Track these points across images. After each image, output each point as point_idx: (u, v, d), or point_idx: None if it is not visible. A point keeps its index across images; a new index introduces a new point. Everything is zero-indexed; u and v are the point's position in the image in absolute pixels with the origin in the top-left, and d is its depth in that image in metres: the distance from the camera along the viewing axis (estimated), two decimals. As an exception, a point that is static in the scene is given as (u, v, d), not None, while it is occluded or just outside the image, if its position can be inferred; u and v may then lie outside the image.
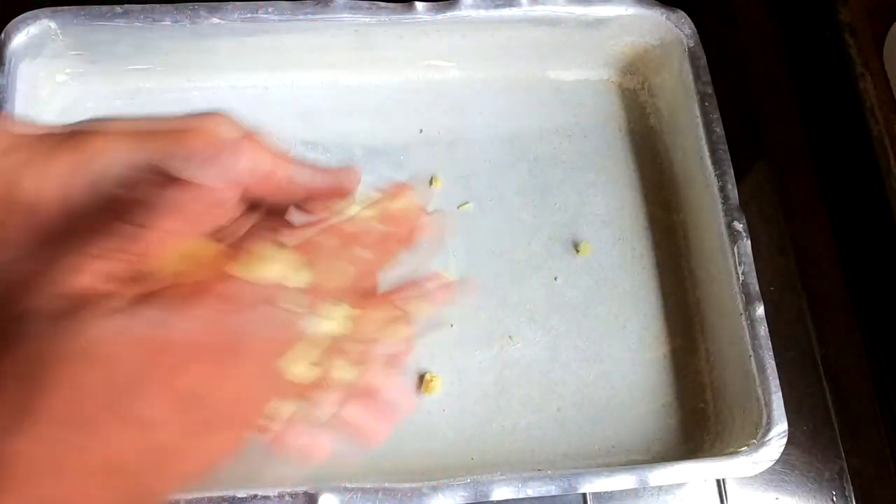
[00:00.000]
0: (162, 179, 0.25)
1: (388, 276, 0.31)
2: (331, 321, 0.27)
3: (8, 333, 0.22)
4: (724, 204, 0.52)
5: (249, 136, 0.27)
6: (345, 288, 0.27)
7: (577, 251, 0.55)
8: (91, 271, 0.23)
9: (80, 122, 0.27)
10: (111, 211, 0.24)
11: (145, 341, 0.22)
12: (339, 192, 0.31)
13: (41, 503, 0.21)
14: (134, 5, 0.51)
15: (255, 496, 0.42)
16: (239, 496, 0.42)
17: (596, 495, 0.49)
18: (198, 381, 0.23)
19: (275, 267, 0.25)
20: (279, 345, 0.25)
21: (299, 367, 0.26)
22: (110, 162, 0.25)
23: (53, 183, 0.25)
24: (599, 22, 0.56)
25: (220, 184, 0.26)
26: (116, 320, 0.22)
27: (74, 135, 0.26)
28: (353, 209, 0.29)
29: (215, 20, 0.52)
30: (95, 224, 0.24)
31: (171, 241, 0.24)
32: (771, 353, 0.48)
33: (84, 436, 0.22)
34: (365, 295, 0.29)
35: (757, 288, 0.50)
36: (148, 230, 0.24)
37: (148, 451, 0.23)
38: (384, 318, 0.30)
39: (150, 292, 0.23)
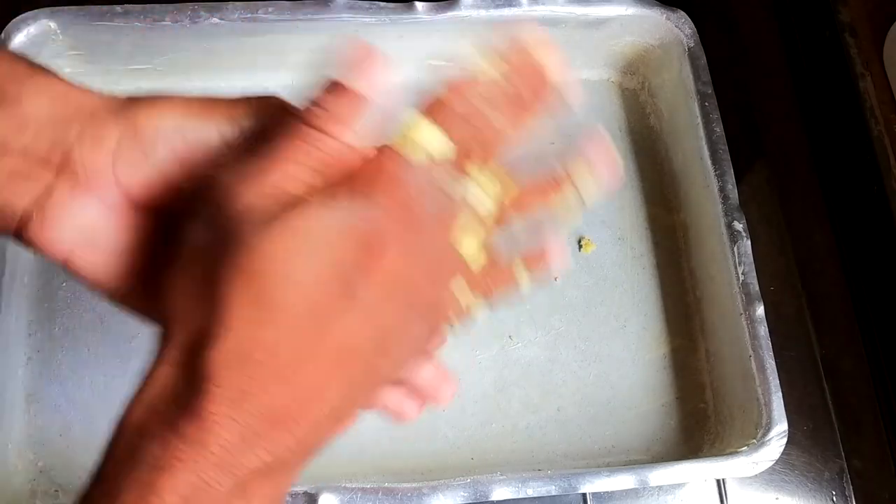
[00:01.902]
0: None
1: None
2: (486, 191, 0.27)
3: (226, 236, 0.23)
4: (724, 204, 0.52)
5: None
6: (487, 156, 0.27)
7: (581, 247, 0.55)
8: (289, 176, 0.24)
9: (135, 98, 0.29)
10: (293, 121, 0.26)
11: (351, 230, 0.23)
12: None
13: (288, 390, 0.23)
14: (134, 5, 0.51)
15: (255, 496, 0.42)
16: (239, 496, 0.42)
17: (596, 495, 0.49)
18: (396, 264, 0.24)
19: (427, 141, 0.25)
20: (448, 219, 0.26)
21: (469, 243, 0.27)
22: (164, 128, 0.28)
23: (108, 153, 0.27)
24: (599, 22, 0.56)
25: None
26: (326, 214, 0.23)
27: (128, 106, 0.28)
28: (479, 64, 0.26)
29: (215, 20, 0.52)
30: (279, 136, 0.25)
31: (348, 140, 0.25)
32: (771, 353, 0.48)
33: (319, 323, 0.23)
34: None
35: (757, 288, 0.50)
36: (328, 135, 0.25)
37: (371, 334, 0.24)
38: (544, 189, 0.30)
39: (336, 185, 0.24)
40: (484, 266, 0.29)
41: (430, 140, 0.25)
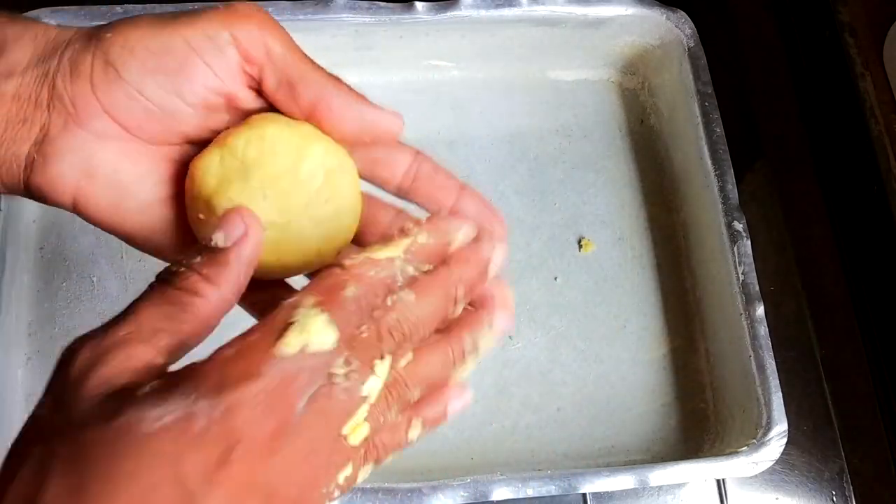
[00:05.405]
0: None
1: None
2: (380, 378, 0.25)
3: (65, 426, 0.22)
4: (724, 204, 0.52)
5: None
6: (394, 335, 0.25)
7: (581, 247, 0.55)
8: (139, 357, 0.23)
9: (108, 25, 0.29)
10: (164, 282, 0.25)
11: (189, 433, 0.21)
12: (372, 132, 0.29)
13: None
14: (134, 5, 0.51)
15: (255, 496, 0.42)
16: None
17: (596, 495, 0.49)
18: (249, 469, 0.22)
19: (314, 336, 0.23)
20: (340, 417, 0.24)
21: (360, 430, 0.25)
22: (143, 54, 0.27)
23: (91, 91, 0.27)
24: (599, 22, 0.56)
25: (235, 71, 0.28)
26: (154, 414, 0.21)
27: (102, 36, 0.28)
28: (381, 251, 0.25)
29: (215, 20, 0.52)
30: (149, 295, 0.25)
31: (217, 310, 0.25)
32: (771, 353, 0.48)
33: None
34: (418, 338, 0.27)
35: (757, 288, 0.50)
36: (195, 294, 0.25)
37: None
38: (440, 362, 0.27)
39: (182, 376, 0.23)
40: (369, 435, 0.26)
41: (318, 334, 0.23)
